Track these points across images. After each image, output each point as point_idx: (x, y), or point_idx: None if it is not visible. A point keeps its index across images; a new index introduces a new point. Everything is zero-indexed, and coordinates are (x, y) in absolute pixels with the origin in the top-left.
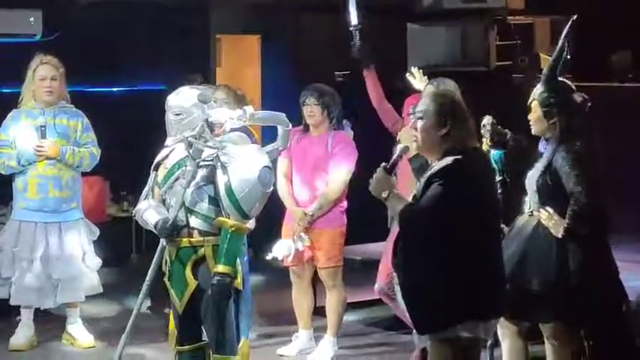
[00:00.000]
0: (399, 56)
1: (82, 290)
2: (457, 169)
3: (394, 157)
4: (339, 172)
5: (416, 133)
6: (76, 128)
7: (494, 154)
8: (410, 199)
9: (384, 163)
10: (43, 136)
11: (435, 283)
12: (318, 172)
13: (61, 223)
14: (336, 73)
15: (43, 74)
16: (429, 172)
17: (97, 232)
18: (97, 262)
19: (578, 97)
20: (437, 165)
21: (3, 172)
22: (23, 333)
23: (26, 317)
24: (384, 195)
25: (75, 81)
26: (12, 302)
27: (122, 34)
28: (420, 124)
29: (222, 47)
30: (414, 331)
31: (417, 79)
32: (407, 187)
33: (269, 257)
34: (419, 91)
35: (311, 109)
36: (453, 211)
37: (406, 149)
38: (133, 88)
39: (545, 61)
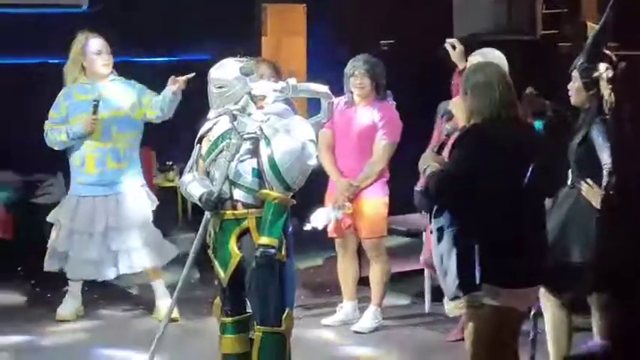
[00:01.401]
0: (444, 24)
1: (151, 260)
2: (472, 135)
3: (439, 137)
4: (385, 144)
5: (459, 100)
6: (130, 95)
7: (536, 124)
8: None
9: (432, 145)
10: (95, 111)
11: (457, 248)
12: (362, 143)
13: (120, 194)
14: (381, 42)
15: (98, 48)
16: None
17: (156, 201)
18: (156, 231)
19: (619, 69)
20: (463, 130)
21: (56, 148)
22: (70, 304)
23: (74, 289)
24: (425, 168)
25: (120, 52)
26: (69, 276)
27: (167, 4)
28: (469, 92)
29: (268, 16)
30: (445, 300)
31: (456, 52)
32: None
33: (307, 227)
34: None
35: (360, 81)
36: (470, 176)
37: (452, 130)
38: (178, 58)
39: (592, 29)
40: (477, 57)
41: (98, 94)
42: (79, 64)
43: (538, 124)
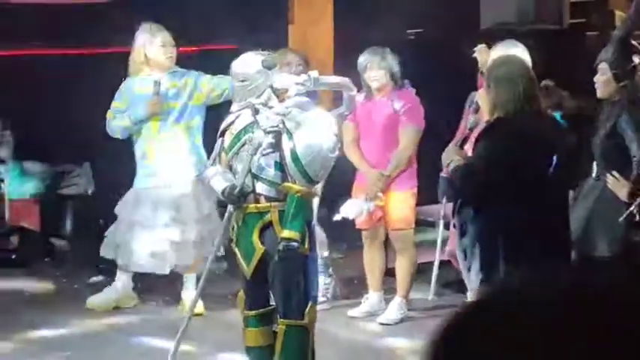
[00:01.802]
0: (471, 14)
1: (196, 253)
2: (496, 129)
3: (463, 130)
4: (410, 130)
5: (485, 92)
6: (187, 83)
7: (555, 116)
8: None
9: (456, 139)
10: (157, 92)
11: (481, 243)
12: (386, 133)
13: (180, 185)
14: (408, 31)
15: (164, 41)
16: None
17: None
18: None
19: None
20: (487, 124)
21: (118, 136)
22: (107, 294)
23: (120, 281)
24: (448, 163)
25: None
26: (133, 269)
27: None
28: (492, 85)
29: (295, 5)
30: (468, 295)
31: (484, 58)
32: None
33: (337, 217)
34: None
35: (374, 74)
36: (494, 171)
37: (475, 123)
38: (203, 47)
39: (620, 18)
40: (498, 50)
41: (159, 80)
42: (142, 55)
43: (556, 116)
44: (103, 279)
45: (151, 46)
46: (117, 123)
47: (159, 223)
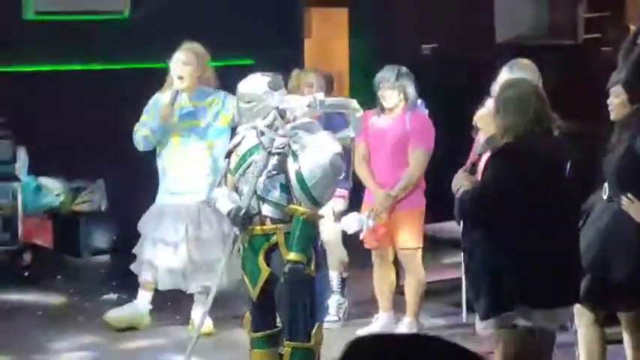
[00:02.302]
0: (487, 29)
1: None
2: (507, 153)
3: (473, 155)
4: (419, 154)
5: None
6: (213, 103)
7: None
8: None
9: (465, 166)
10: (173, 101)
11: (489, 268)
12: (396, 152)
13: (200, 203)
14: (423, 46)
15: (177, 59)
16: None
17: None
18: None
19: None
20: (498, 148)
21: (141, 148)
22: (125, 311)
23: (141, 299)
24: (457, 189)
25: (162, 57)
26: (160, 287)
27: (209, 7)
28: (502, 105)
29: (312, 20)
30: (476, 319)
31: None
32: None
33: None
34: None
35: (387, 93)
36: (501, 195)
37: (485, 149)
38: (220, 63)
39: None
40: (505, 73)
41: (177, 90)
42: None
43: None
44: (116, 296)
45: (172, 63)
46: (139, 134)
47: (179, 240)
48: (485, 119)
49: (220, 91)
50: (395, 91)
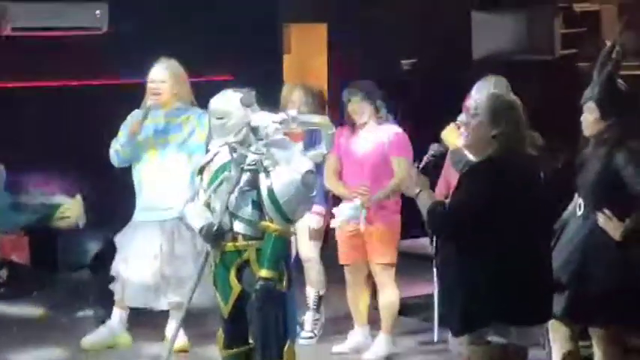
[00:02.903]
0: (464, 44)
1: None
2: (486, 170)
3: (427, 156)
4: (402, 161)
5: (464, 130)
6: (190, 120)
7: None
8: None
9: (416, 163)
10: (145, 117)
11: (463, 284)
12: (368, 166)
13: (175, 220)
14: (403, 61)
15: (151, 77)
16: (467, 168)
17: None
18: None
19: (635, 96)
20: (476, 163)
21: (115, 163)
22: (100, 333)
23: (115, 317)
24: (415, 192)
25: (140, 73)
26: (127, 303)
27: (188, 24)
28: (473, 121)
29: (291, 35)
30: (449, 335)
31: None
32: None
33: (333, 225)
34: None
35: (358, 107)
36: (478, 212)
37: (439, 151)
38: (199, 79)
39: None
40: (477, 89)
41: (149, 106)
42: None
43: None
44: (91, 313)
45: (148, 80)
46: (112, 149)
47: (152, 256)
48: (450, 134)
49: (196, 108)
50: (365, 104)
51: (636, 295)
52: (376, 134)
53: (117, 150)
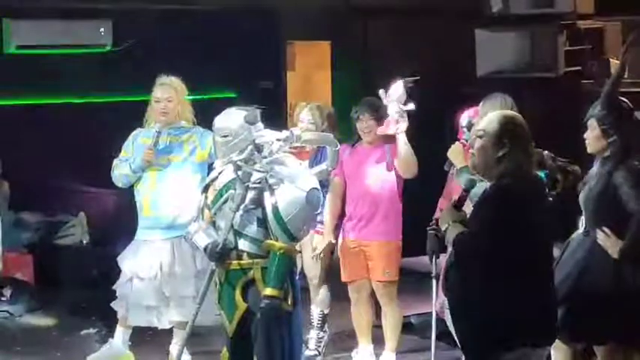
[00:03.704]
0: (468, 62)
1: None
2: (507, 194)
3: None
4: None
5: (471, 150)
6: (191, 139)
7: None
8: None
9: (453, 201)
10: (156, 142)
11: (477, 306)
12: (375, 183)
13: (175, 239)
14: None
15: (158, 96)
16: (480, 196)
17: None
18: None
19: (637, 115)
20: (489, 189)
21: (120, 184)
22: (105, 352)
23: (119, 336)
24: (444, 227)
25: (145, 91)
26: (130, 323)
27: (192, 41)
28: (478, 142)
29: (295, 53)
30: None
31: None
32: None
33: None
34: (474, 104)
35: (366, 124)
36: (501, 237)
37: (471, 183)
38: (204, 96)
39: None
40: (487, 107)
41: (159, 131)
42: (151, 108)
43: (542, 175)
44: (95, 331)
45: (153, 99)
46: (119, 171)
47: (152, 276)
48: (456, 152)
49: (198, 127)
50: (373, 121)
51: (633, 312)
52: (381, 153)
53: (127, 174)
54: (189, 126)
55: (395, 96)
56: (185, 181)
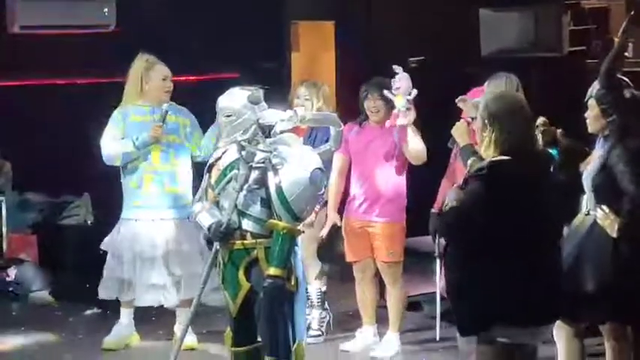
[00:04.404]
0: (472, 41)
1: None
2: (491, 172)
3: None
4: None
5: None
6: (185, 124)
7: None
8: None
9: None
10: (164, 119)
11: (472, 285)
12: (381, 163)
13: (178, 218)
14: (410, 59)
15: (165, 74)
16: (472, 173)
17: None
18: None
19: (636, 95)
20: (481, 166)
21: (119, 163)
22: (118, 333)
23: (125, 317)
24: (447, 207)
25: None
26: (136, 304)
27: (195, 21)
28: (479, 122)
29: (299, 33)
30: (458, 335)
31: (467, 107)
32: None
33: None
34: (478, 84)
35: (374, 104)
36: (488, 214)
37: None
38: (206, 76)
39: None
40: (491, 86)
41: (167, 106)
42: (139, 86)
43: (553, 152)
44: (99, 311)
45: (150, 78)
46: (118, 150)
47: (158, 255)
48: (460, 130)
49: (187, 112)
50: (381, 102)
51: (632, 291)
52: (389, 132)
53: (129, 152)
54: (181, 108)
55: (402, 89)
56: (183, 162)
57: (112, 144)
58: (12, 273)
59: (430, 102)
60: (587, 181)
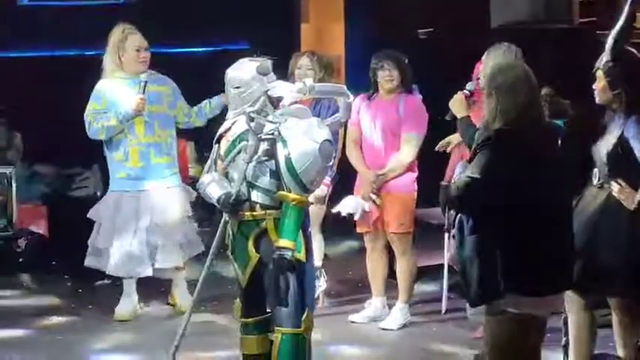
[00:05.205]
0: (482, 13)
1: (184, 254)
2: (496, 141)
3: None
4: (412, 138)
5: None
6: (167, 93)
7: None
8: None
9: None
10: (144, 90)
11: (480, 255)
12: (388, 136)
13: (162, 189)
14: (419, 30)
15: (138, 44)
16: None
17: (194, 194)
18: (195, 225)
19: None
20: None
21: (103, 137)
22: (127, 303)
23: (128, 287)
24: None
25: (158, 43)
26: (114, 274)
27: None
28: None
29: (309, 4)
30: (467, 306)
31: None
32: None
33: (334, 210)
34: None
35: (389, 74)
36: (496, 183)
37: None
38: (216, 48)
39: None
40: (492, 56)
41: (145, 77)
42: (116, 57)
43: (560, 124)
44: (109, 282)
45: (126, 49)
46: (102, 124)
47: (141, 226)
48: (457, 102)
49: (167, 80)
50: (396, 72)
51: None
52: (397, 104)
53: (113, 126)
54: (162, 76)
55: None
56: (168, 133)
57: (94, 119)
58: (22, 244)
59: (439, 73)
60: (599, 154)
